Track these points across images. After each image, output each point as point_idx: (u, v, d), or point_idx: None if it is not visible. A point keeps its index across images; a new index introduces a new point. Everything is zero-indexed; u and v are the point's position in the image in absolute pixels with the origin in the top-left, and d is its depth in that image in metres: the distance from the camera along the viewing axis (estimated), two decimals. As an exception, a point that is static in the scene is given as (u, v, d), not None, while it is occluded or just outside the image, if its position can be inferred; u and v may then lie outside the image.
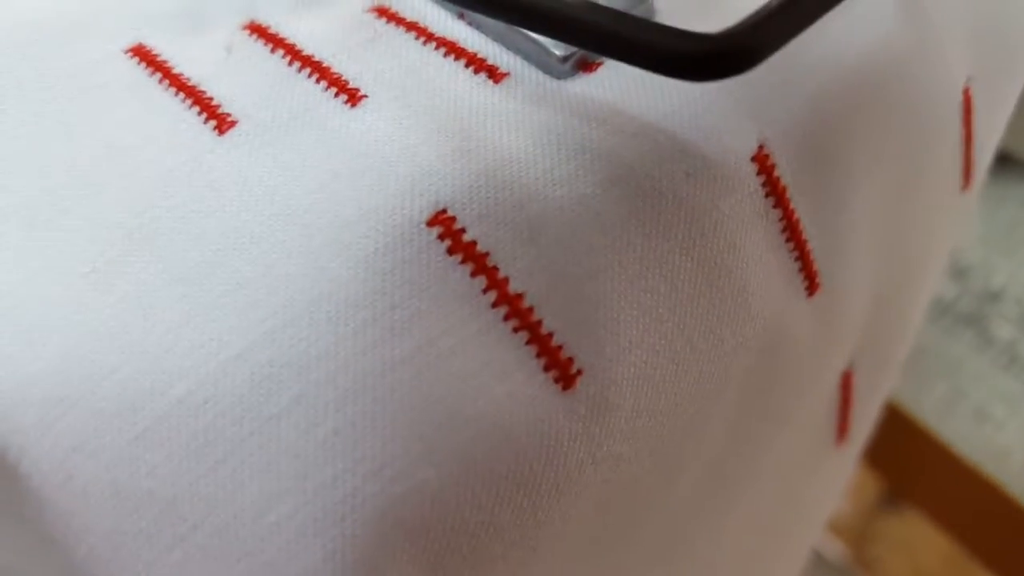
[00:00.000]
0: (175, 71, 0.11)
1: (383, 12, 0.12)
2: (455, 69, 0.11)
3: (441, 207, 0.09)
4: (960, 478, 0.37)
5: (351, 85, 0.11)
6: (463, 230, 0.09)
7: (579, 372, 0.10)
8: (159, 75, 0.11)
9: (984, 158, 0.17)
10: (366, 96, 0.11)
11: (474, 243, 0.09)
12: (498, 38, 0.11)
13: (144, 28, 0.12)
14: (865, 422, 0.19)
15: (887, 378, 0.19)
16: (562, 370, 0.10)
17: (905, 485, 0.40)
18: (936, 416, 0.37)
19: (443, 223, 0.09)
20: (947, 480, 0.38)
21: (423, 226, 0.09)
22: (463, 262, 0.09)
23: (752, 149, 0.11)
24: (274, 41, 0.12)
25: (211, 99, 0.11)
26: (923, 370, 0.38)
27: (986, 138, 0.17)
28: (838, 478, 0.20)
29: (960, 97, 0.14)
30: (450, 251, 0.09)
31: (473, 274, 0.09)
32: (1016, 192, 0.42)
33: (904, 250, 0.15)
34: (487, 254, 0.09)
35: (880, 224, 0.13)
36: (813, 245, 0.12)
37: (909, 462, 0.39)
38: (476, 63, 0.11)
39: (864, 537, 0.44)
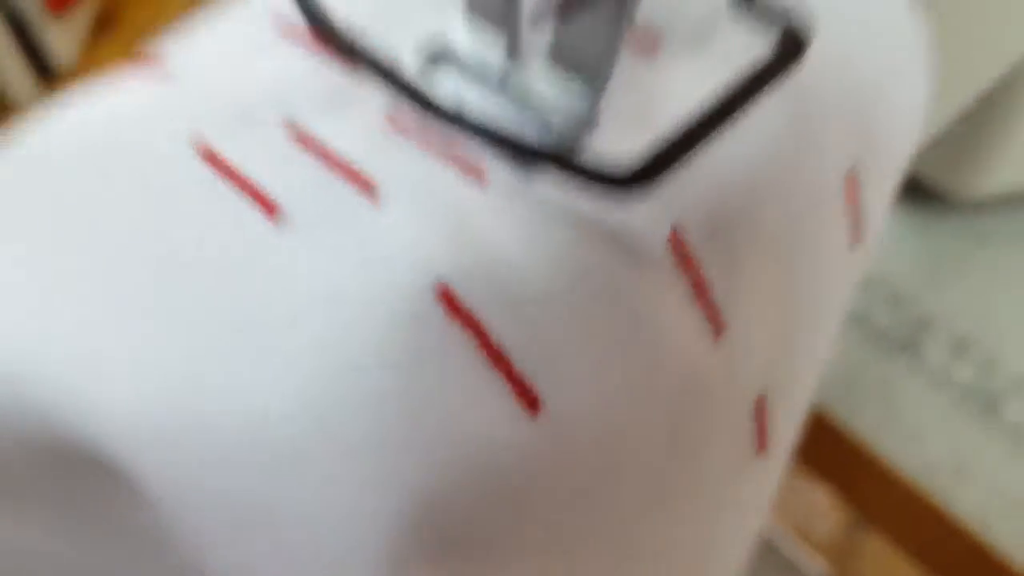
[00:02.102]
0: (233, 167, 0.15)
1: (394, 121, 0.16)
2: (452, 173, 0.15)
3: (443, 282, 0.13)
4: (904, 496, 0.41)
5: (373, 185, 0.14)
6: (460, 299, 0.13)
7: (543, 402, 0.13)
8: (219, 171, 0.15)
9: (876, 218, 0.21)
10: (385, 196, 0.14)
11: (468, 309, 0.13)
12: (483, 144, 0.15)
13: (205, 127, 0.16)
14: (786, 436, 0.23)
15: (801, 401, 0.22)
16: (530, 401, 0.13)
17: (862, 508, 0.43)
18: (872, 434, 0.41)
19: (445, 295, 0.13)
20: (894, 499, 0.41)
21: (430, 299, 0.13)
22: (459, 323, 0.13)
23: (668, 230, 0.15)
24: (310, 144, 0.15)
25: (265, 195, 0.14)
26: (860, 392, 0.42)
27: (876, 203, 0.21)
28: (766, 485, 0.24)
29: (841, 181, 0.18)
30: (449, 315, 0.13)
31: (466, 331, 0.13)
32: (946, 226, 0.46)
33: (800, 297, 0.18)
34: (478, 317, 0.13)
35: (776, 279, 0.17)
36: (720, 301, 0.16)
37: (862, 486, 0.42)
38: (468, 169, 0.15)
39: (844, 553, 0.46)
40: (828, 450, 0.44)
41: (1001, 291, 0.46)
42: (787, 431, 0.23)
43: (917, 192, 0.48)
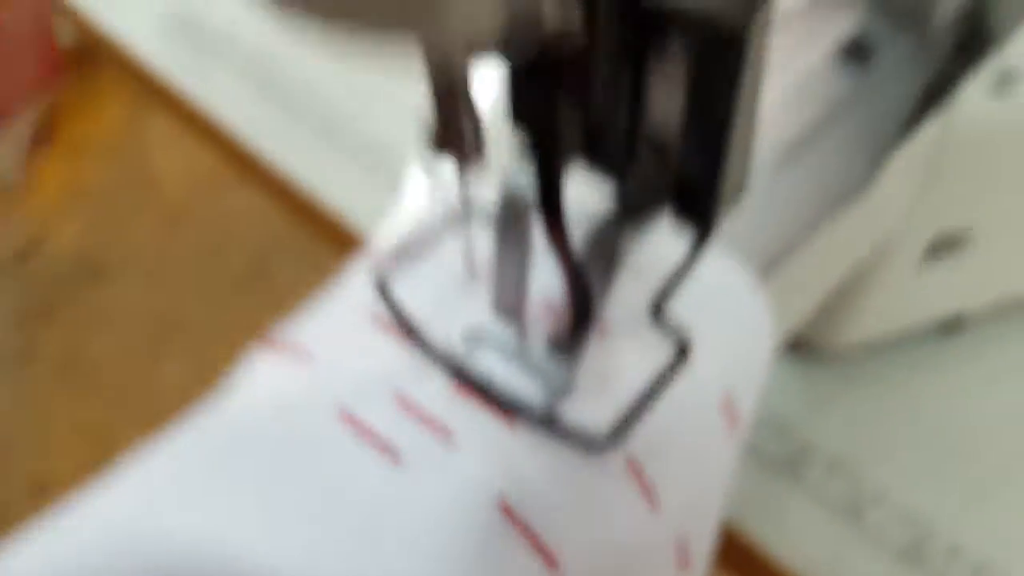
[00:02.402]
0: (367, 427, 0.25)
1: (461, 389, 0.26)
2: (496, 421, 0.25)
3: (503, 499, 0.23)
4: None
5: (450, 434, 0.24)
6: (516, 510, 0.23)
7: (558, 561, 0.24)
8: (358, 431, 0.25)
9: (749, 409, 0.33)
10: (457, 440, 0.24)
11: (518, 514, 0.23)
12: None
13: (343, 398, 0.25)
14: (702, 555, 0.33)
15: (711, 531, 0.33)
16: (551, 562, 0.23)
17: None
18: (768, 542, 0.51)
19: (505, 508, 0.23)
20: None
21: (496, 510, 0.23)
22: (512, 524, 0.23)
23: (626, 458, 0.25)
24: (409, 406, 0.25)
25: (388, 446, 0.24)
26: (756, 507, 0.52)
27: (746, 403, 0.32)
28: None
29: (719, 404, 0.29)
30: (508, 520, 0.23)
31: (516, 528, 0.23)
32: (821, 370, 0.58)
33: (702, 473, 0.29)
34: (523, 518, 0.23)
35: (686, 467, 0.28)
36: (655, 488, 0.26)
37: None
38: (504, 418, 0.25)
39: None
40: (740, 556, 0.55)
41: (866, 420, 0.57)
42: (702, 551, 0.33)
43: (797, 345, 0.61)
